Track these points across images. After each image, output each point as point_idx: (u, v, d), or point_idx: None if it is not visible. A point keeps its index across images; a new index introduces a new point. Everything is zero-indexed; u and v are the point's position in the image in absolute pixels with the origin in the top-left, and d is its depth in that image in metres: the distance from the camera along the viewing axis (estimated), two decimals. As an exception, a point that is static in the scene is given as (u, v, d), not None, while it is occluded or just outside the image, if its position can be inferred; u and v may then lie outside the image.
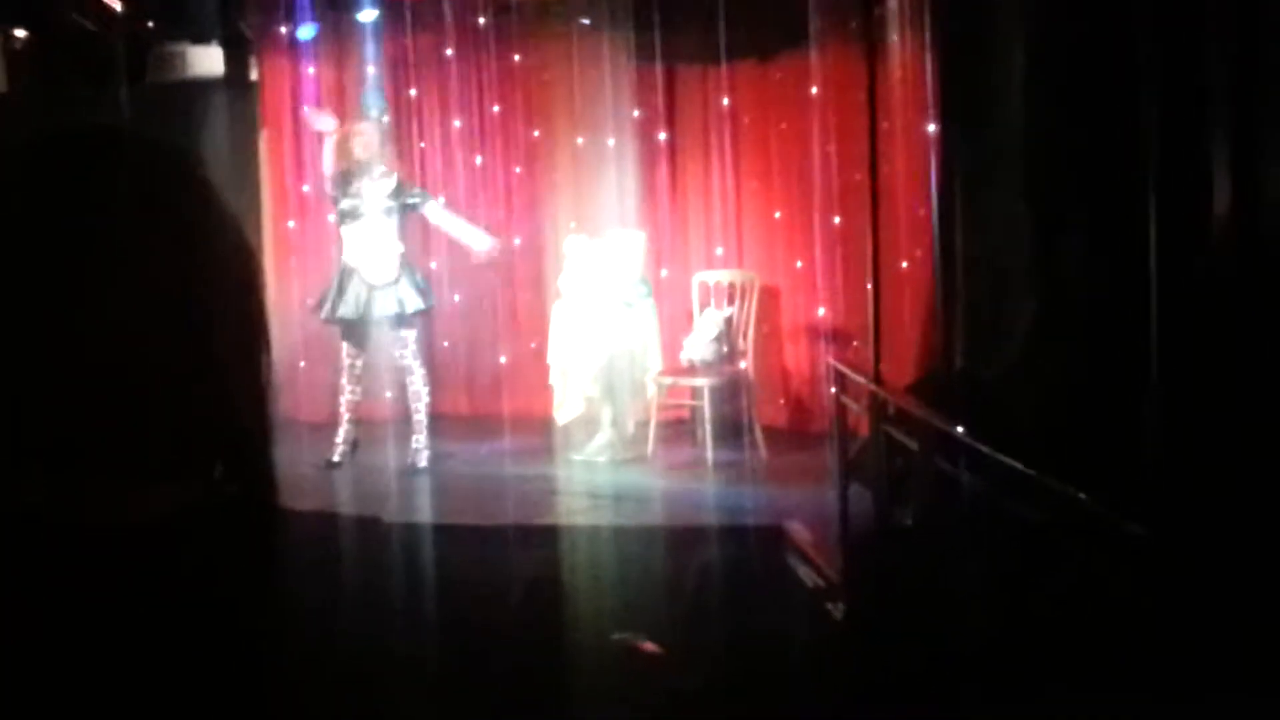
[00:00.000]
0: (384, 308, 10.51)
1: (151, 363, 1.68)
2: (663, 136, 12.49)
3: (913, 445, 7.25)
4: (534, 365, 11.88)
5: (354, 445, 10.85)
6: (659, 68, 12.12)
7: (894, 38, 9.49)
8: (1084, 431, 6.00)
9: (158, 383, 1.68)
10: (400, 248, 10.65)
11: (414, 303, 10.54)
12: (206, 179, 1.80)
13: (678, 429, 11.51)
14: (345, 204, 10.68)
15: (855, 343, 10.62)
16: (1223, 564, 4.41)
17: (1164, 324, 5.32)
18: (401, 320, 10.58)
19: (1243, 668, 4.24)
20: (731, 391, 11.18)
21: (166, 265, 1.69)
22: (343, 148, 10.83)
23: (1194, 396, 5.22)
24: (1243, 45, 5.12)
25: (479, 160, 12.73)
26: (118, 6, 11.17)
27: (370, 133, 10.74)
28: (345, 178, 10.74)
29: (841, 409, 8.86)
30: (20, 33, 11.32)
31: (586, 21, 12.17)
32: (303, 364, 12.67)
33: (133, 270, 1.67)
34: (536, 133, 12.78)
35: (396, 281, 10.54)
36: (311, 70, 12.60)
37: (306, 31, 12.14)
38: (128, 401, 1.66)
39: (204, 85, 12.59)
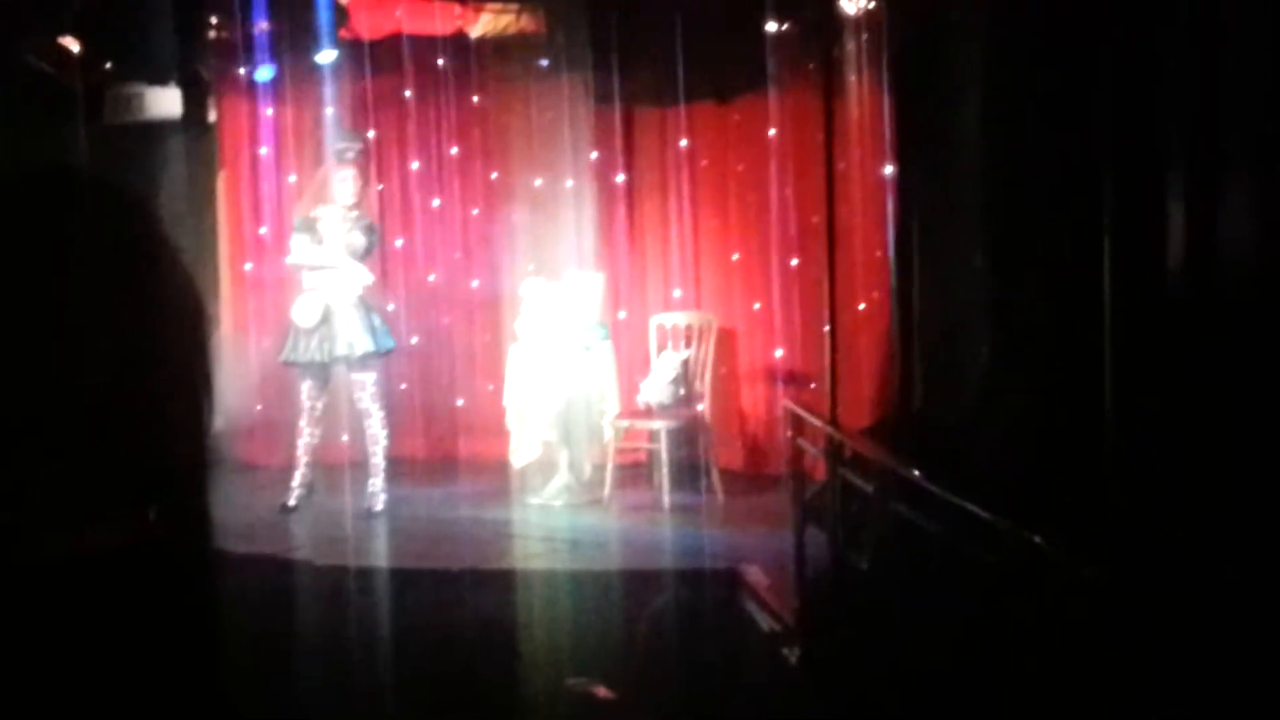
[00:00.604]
0: (338, 350, 10.45)
1: (87, 401, 1.65)
2: (621, 178, 12.49)
3: (869, 488, 7.24)
4: (491, 408, 11.84)
5: (310, 489, 10.78)
6: (617, 109, 12.13)
7: (851, 80, 9.52)
8: (1040, 474, 6.00)
9: (93, 421, 1.66)
10: (358, 289, 10.59)
11: (364, 345, 10.46)
12: (150, 220, 1.78)
13: (635, 472, 11.49)
14: (303, 238, 10.62)
15: (812, 385, 10.62)
16: (1179, 606, 4.40)
17: (1120, 367, 5.32)
18: (360, 363, 10.52)
19: (1199, 709, 4.23)
20: (689, 434, 11.16)
21: (106, 305, 1.67)
22: (320, 191, 10.80)
23: (1150, 439, 5.22)
24: (1198, 88, 5.13)
25: (437, 202, 12.72)
26: (75, 48, 11.13)
27: (351, 177, 10.67)
28: (309, 221, 10.69)
29: (797, 452, 8.84)
30: (-24, 74, 11.27)
31: (545, 63, 12.18)
32: (259, 407, 12.63)
33: (71, 309, 1.65)
34: (494, 174, 12.78)
35: (348, 324, 10.47)
36: (270, 112, 12.58)
37: (265, 73, 12.12)
38: (61, 439, 1.64)
39: (162, 127, 12.55)
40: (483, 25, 12.36)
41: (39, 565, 1.66)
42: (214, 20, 12.18)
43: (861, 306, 9.83)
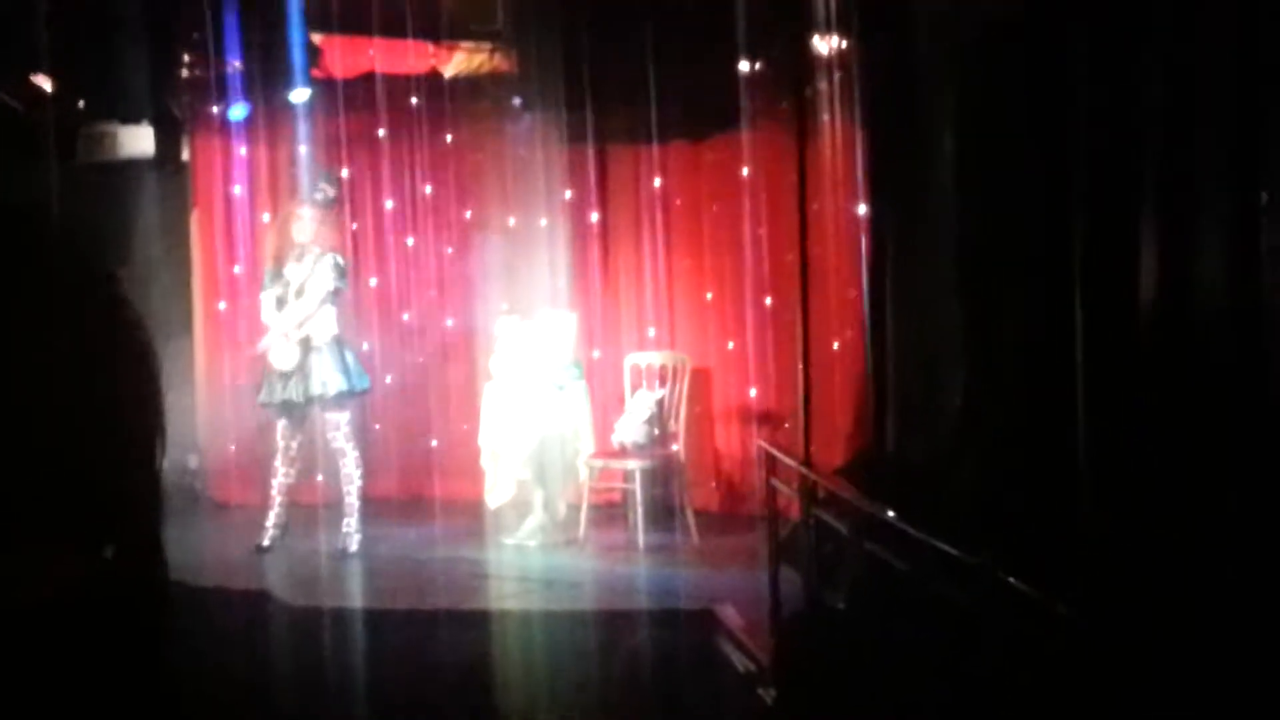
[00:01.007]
0: (313, 390, 10.42)
1: (36, 439, 1.65)
2: (595, 217, 12.51)
3: (844, 528, 7.24)
4: (465, 448, 11.82)
5: (285, 529, 10.75)
6: (591, 149, 12.15)
7: (824, 120, 9.55)
8: (1014, 513, 6.00)
9: (42, 459, 1.65)
10: (333, 330, 10.57)
11: (337, 384, 10.43)
12: (93, 253, 1.77)
13: (610, 512, 11.47)
14: (277, 286, 10.61)
15: (787, 425, 10.63)
16: (1153, 646, 4.41)
17: (1093, 404, 5.34)
18: (334, 402, 10.50)
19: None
20: (663, 474, 11.16)
21: (51, 343, 1.67)
22: (281, 229, 10.80)
23: (1124, 476, 5.23)
24: (1170, 128, 5.16)
25: (410, 241, 12.72)
26: (47, 86, 11.13)
27: (308, 216, 10.65)
28: (279, 260, 10.68)
29: (772, 492, 8.84)
30: (-51, 113, 11.26)
31: (518, 102, 12.20)
32: (234, 447, 12.61)
33: (17, 347, 1.65)
34: (468, 213, 12.79)
35: (323, 364, 10.45)
36: (243, 150, 12.58)
37: (238, 112, 12.14)
38: (7, 478, 1.63)
39: (134, 165, 12.54)
40: (456, 65, 12.38)
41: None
42: (187, 59, 12.20)
43: (835, 346, 9.84)
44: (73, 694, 1.66)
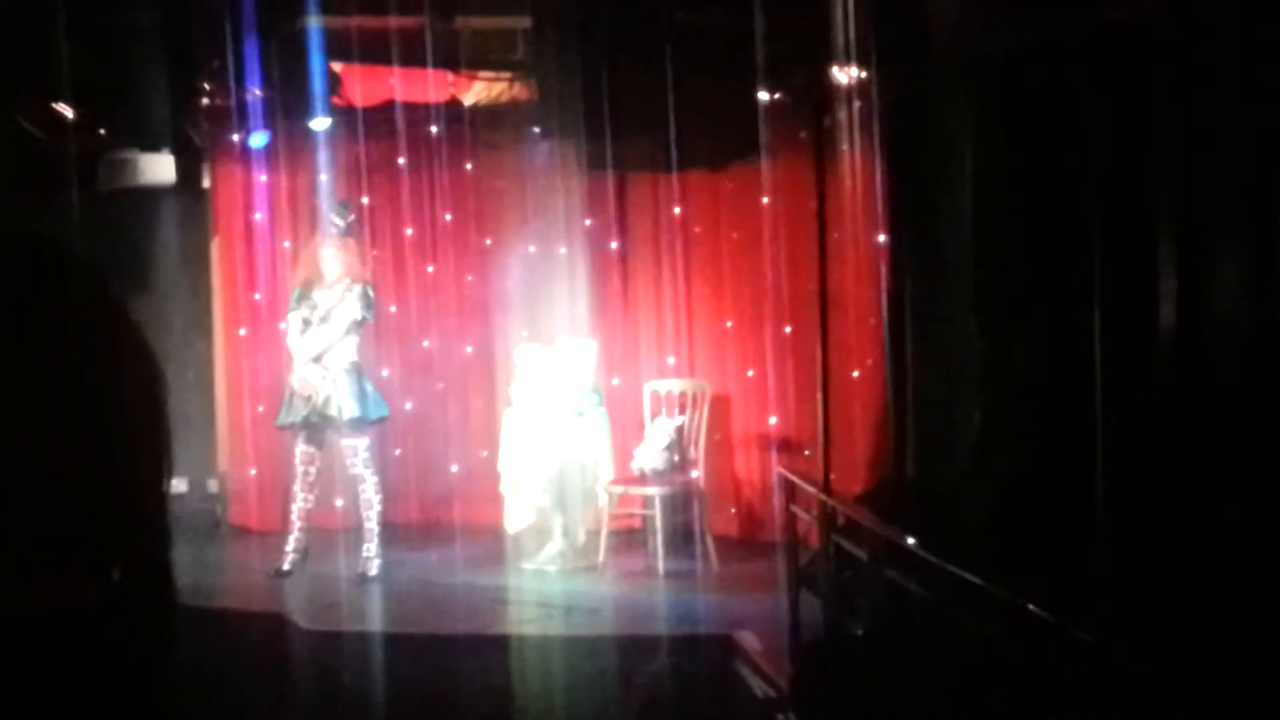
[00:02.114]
0: (329, 411, 10.46)
1: (45, 462, 1.67)
2: (614, 245, 12.53)
3: (863, 555, 7.25)
4: (485, 474, 11.83)
5: (305, 553, 10.77)
6: (610, 177, 12.16)
7: (844, 148, 9.57)
8: (1034, 540, 6.01)
9: (51, 482, 1.67)
10: (353, 357, 10.61)
11: (351, 410, 10.46)
12: (104, 280, 1.80)
13: (629, 538, 11.48)
14: (303, 309, 10.65)
15: (806, 452, 10.63)
16: (1174, 673, 4.41)
17: (1112, 432, 5.35)
18: (351, 428, 10.53)
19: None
20: (683, 501, 11.16)
21: (63, 366, 1.69)
22: (310, 258, 10.84)
23: (1144, 504, 5.23)
24: (1188, 155, 5.18)
25: (430, 268, 12.75)
26: (68, 114, 11.17)
27: (332, 252, 10.69)
28: (305, 289, 10.72)
29: (791, 518, 8.85)
30: (-30, 141, 11.31)
31: (538, 130, 12.22)
32: (254, 472, 12.63)
33: (28, 370, 1.67)
34: (488, 241, 12.81)
35: (342, 390, 10.48)
36: (264, 178, 12.62)
37: (258, 139, 12.16)
38: (17, 499, 1.66)
39: (155, 193, 12.58)
40: (476, 93, 12.42)
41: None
42: (207, 86, 12.23)
43: (855, 374, 9.85)
44: (76, 713, 1.68)
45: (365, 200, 12.49)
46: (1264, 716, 4.24)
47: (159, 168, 12.51)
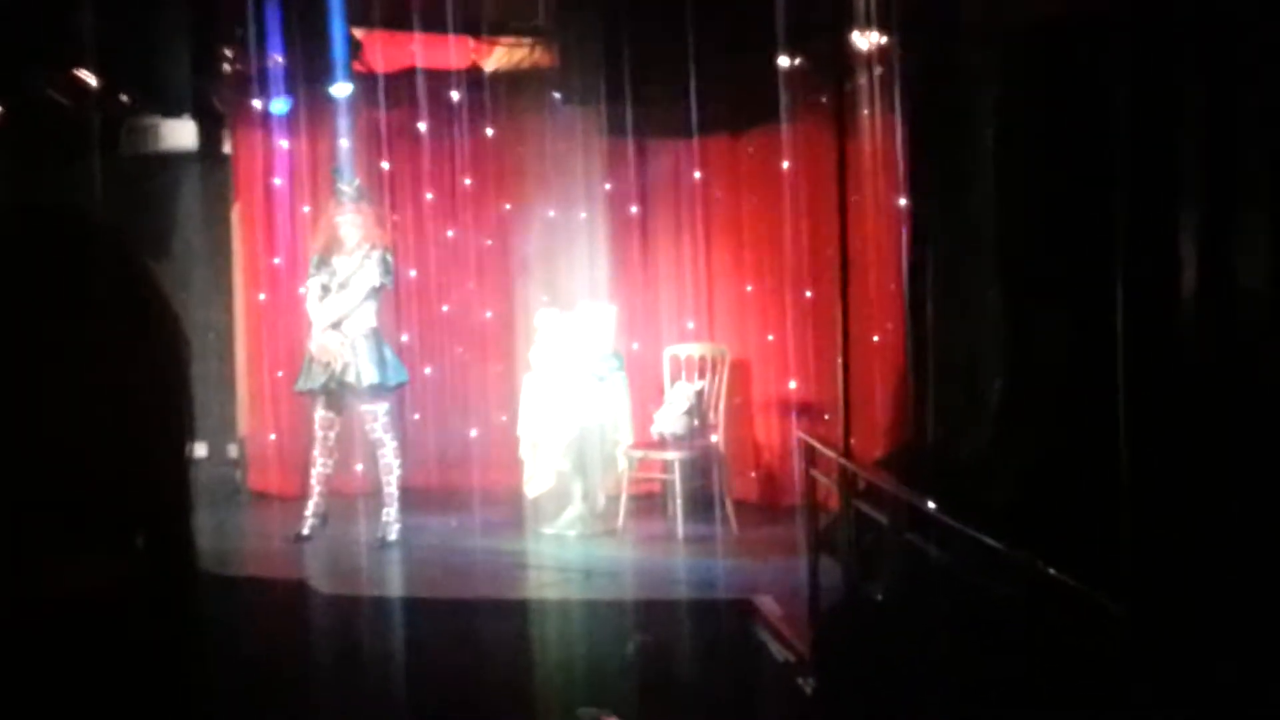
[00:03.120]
0: (347, 377, 10.46)
1: (71, 438, 1.67)
2: (634, 210, 12.52)
3: (883, 519, 7.25)
4: (504, 438, 11.85)
5: (324, 518, 10.79)
6: (631, 142, 12.14)
7: (864, 113, 9.54)
8: (1056, 506, 6.00)
9: (75, 448, 1.68)
10: (372, 323, 10.61)
11: (370, 377, 10.47)
12: (125, 246, 1.80)
13: (649, 502, 11.50)
14: (322, 275, 10.65)
15: (826, 416, 10.63)
16: (1197, 640, 4.41)
17: (1135, 397, 5.33)
18: (370, 394, 10.54)
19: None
20: (702, 465, 11.18)
21: (84, 338, 1.69)
22: (329, 224, 10.83)
23: (1167, 470, 5.23)
24: (1214, 121, 5.15)
25: (451, 233, 12.74)
26: (91, 80, 11.18)
27: (349, 217, 10.69)
28: (324, 255, 10.73)
29: (811, 483, 8.85)
30: (-8, 106, 11.32)
31: (558, 96, 12.21)
32: (273, 437, 12.66)
33: (52, 347, 1.67)
34: (508, 206, 12.80)
35: (361, 356, 10.48)
36: (285, 144, 12.61)
37: (280, 105, 12.16)
38: (45, 476, 1.66)
39: (177, 158, 12.60)
40: (496, 59, 12.41)
41: (24, 604, 1.67)
42: (229, 53, 12.22)
43: (875, 338, 9.84)
44: (103, 683, 1.69)
45: (386, 165, 12.50)
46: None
47: (181, 133, 12.53)
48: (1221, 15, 5.16)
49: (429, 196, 12.73)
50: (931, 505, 6.46)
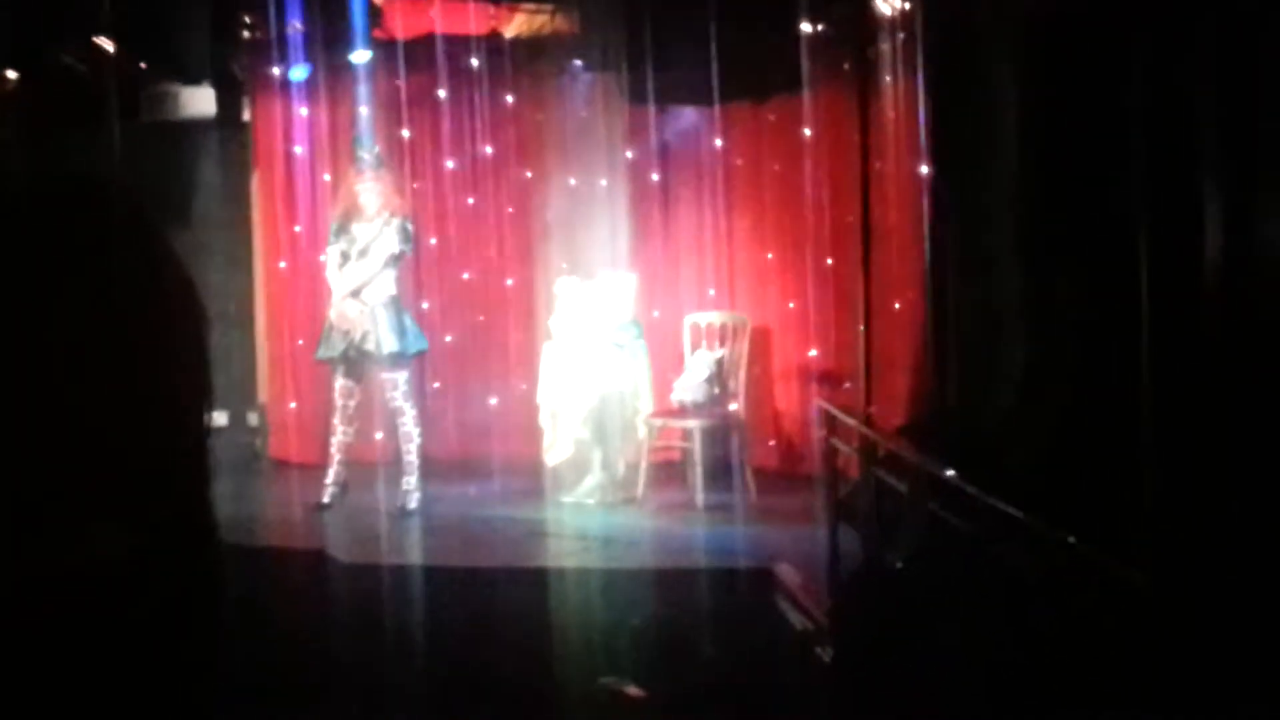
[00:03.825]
0: (367, 345, 10.45)
1: (87, 407, 1.66)
2: (655, 178, 12.48)
3: (903, 488, 7.23)
4: (525, 407, 11.84)
5: (344, 487, 10.79)
6: (652, 109, 12.10)
7: (887, 80, 9.51)
8: (1076, 475, 5.98)
9: (92, 427, 1.66)
10: (391, 291, 10.58)
11: (390, 345, 10.45)
12: (145, 214, 1.78)
13: (668, 471, 11.49)
14: (342, 242, 10.63)
15: (846, 384, 10.61)
16: (1220, 611, 4.39)
17: (1157, 365, 5.30)
18: (390, 362, 10.52)
19: (1235, 712, 4.21)
20: (722, 433, 11.16)
21: (103, 311, 1.67)
22: (349, 192, 10.80)
23: (1188, 439, 5.20)
24: (1234, 86, 5.12)
25: (471, 201, 12.72)
26: (110, 48, 11.17)
27: (370, 185, 10.66)
28: (344, 223, 10.70)
29: (831, 451, 8.83)
30: (12, 74, 11.31)
31: (579, 63, 12.18)
32: (294, 405, 12.67)
33: (70, 315, 1.66)
34: (529, 173, 12.78)
35: (381, 324, 10.46)
36: (304, 111, 12.59)
37: (299, 72, 12.14)
38: (60, 446, 1.64)
39: (196, 125, 12.61)
40: (517, 25, 12.38)
41: (40, 576, 1.66)
42: (248, 20, 12.21)
43: (896, 306, 9.81)
44: (121, 653, 1.67)
45: (406, 133, 12.48)
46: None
47: (200, 101, 12.54)
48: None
49: (449, 164, 12.69)
50: (951, 473, 6.44)
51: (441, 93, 12.42)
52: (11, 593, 1.64)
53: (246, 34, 12.38)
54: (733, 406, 11.33)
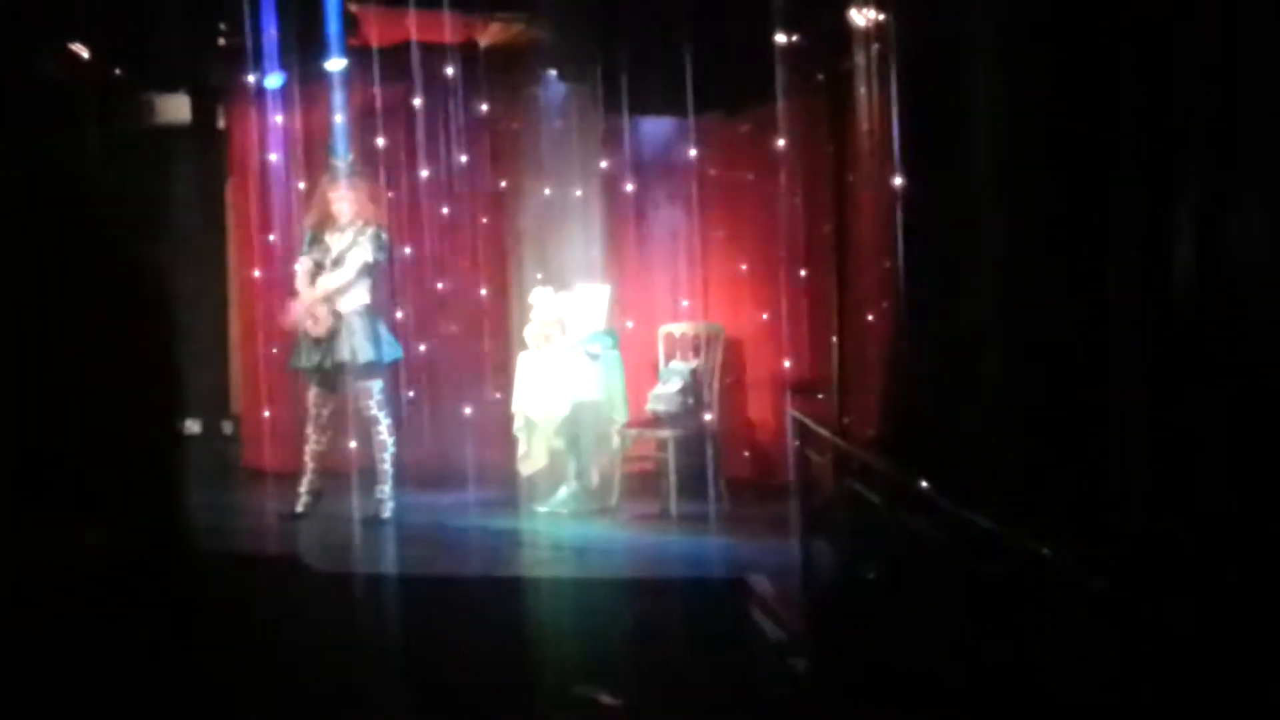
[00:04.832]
0: (342, 356, 10.42)
1: (58, 414, 1.66)
2: (629, 188, 12.48)
3: (877, 499, 7.24)
4: (499, 416, 11.84)
5: (317, 495, 10.77)
6: (626, 119, 12.11)
7: (860, 92, 9.52)
8: (1050, 486, 5.99)
9: (63, 434, 1.66)
10: (365, 300, 10.56)
11: (365, 354, 10.43)
12: (120, 232, 1.78)
13: (643, 481, 11.48)
14: (315, 252, 10.61)
15: (820, 395, 10.62)
16: (1191, 620, 4.40)
17: (1130, 376, 5.32)
18: (364, 371, 10.50)
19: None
20: (697, 444, 11.16)
21: (74, 317, 1.68)
22: (323, 200, 10.77)
23: (1163, 450, 5.22)
24: (1209, 98, 5.14)
25: (446, 210, 12.71)
26: (85, 54, 11.15)
27: (344, 193, 10.63)
28: (318, 231, 10.68)
29: (804, 462, 8.84)
30: (-14, 79, 11.28)
31: (554, 73, 12.19)
32: (267, 413, 12.65)
33: (40, 321, 1.66)
34: (503, 183, 12.79)
35: (355, 333, 10.44)
36: (279, 119, 12.57)
37: (274, 80, 12.12)
38: (32, 453, 1.64)
39: (171, 133, 12.61)
40: (492, 34, 12.38)
41: (15, 581, 1.66)
42: (223, 27, 12.19)
43: (870, 317, 9.82)
44: (95, 658, 1.68)
45: (380, 142, 12.46)
46: None
47: (175, 108, 12.54)
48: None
49: (424, 173, 12.68)
50: (924, 484, 6.46)
51: (417, 101, 12.42)
52: None
53: (222, 41, 12.36)
54: (707, 417, 11.33)
